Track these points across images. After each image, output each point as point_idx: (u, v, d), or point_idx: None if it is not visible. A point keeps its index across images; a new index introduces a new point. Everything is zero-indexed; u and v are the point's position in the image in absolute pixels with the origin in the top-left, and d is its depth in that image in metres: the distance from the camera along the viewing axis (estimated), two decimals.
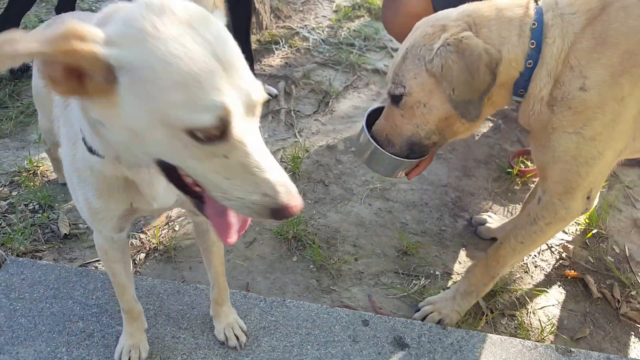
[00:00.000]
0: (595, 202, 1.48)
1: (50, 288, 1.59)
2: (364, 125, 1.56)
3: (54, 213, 2.00)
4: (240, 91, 0.72)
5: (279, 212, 0.73)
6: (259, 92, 0.76)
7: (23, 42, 0.62)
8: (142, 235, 1.93)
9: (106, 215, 1.05)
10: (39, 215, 1.98)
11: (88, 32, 0.66)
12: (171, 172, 0.78)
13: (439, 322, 1.64)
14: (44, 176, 2.14)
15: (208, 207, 0.81)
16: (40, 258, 1.81)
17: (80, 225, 1.97)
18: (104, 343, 1.45)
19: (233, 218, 0.82)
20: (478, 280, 1.63)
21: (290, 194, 0.73)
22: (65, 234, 1.91)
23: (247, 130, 0.73)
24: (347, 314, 1.56)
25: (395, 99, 1.45)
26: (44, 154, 2.26)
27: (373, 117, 1.60)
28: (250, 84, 0.75)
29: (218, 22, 0.76)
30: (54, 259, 1.82)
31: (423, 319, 1.65)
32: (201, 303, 1.55)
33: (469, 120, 1.40)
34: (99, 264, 1.83)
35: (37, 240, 1.89)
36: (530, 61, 1.34)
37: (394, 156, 1.50)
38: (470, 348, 1.50)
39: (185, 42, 0.69)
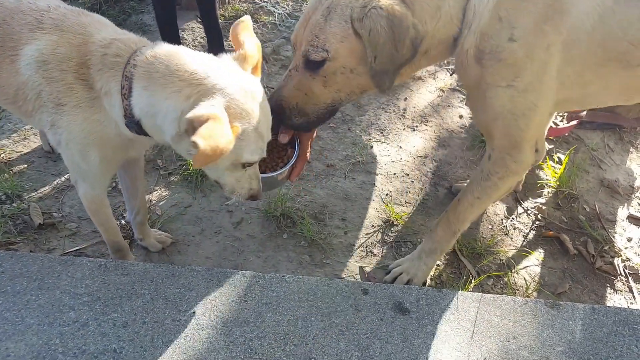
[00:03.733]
0: (544, 154, 1.54)
1: (33, 279, 1.50)
2: None
3: (23, 203, 1.88)
4: (268, 138, 1.25)
5: (253, 197, 1.34)
6: (270, 134, 1.27)
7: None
8: (124, 222, 1.86)
9: (113, 167, 1.43)
10: (8, 206, 1.85)
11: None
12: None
13: (408, 282, 1.70)
14: (6, 163, 2.00)
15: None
16: (16, 250, 1.70)
17: (54, 214, 1.87)
18: (100, 331, 1.39)
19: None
20: (441, 238, 1.68)
21: (260, 191, 1.35)
22: (40, 223, 1.80)
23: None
24: (347, 284, 1.57)
25: (313, 65, 1.31)
26: (4, 141, 2.12)
27: None
28: (270, 131, 1.26)
29: (262, 90, 1.24)
30: (31, 251, 1.72)
31: (393, 280, 1.71)
32: (199, 284, 1.52)
33: (381, 91, 1.36)
34: (84, 250, 1.75)
35: (9, 232, 1.77)
36: None
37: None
38: (466, 308, 1.55)
39: (261, 119, 1.18)
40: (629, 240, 2.02)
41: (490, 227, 2.02)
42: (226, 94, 1.12)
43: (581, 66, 1.36)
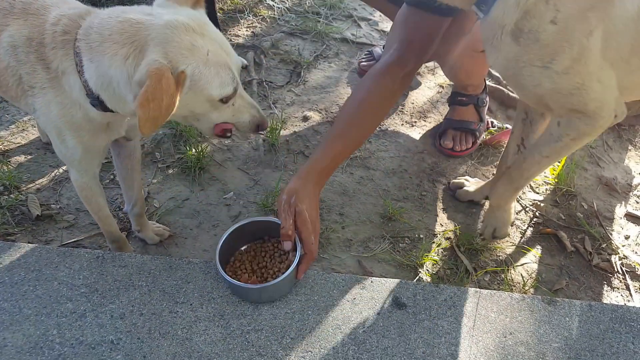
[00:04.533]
0: (623, 117, 1.48)
1: (31, 270, 1.50)
2: (217, 260, 1.42)
3: (21, 194, 1.88)
4: (235, 64, 1.18)
5: (261, 125, 1.30)
6: (240, 59, 1.23)
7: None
8: (122, 214, 1.86)
9: (95, 151, 1.37)
10: (6, 197, 1.85)
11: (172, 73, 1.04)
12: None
13: (494, 232, 1.88)
14: (4, 155, 2.00)
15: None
16: (14, 241, 1.70)
17: (52, 205, 1.87)
18: (98, 323, 1.39)
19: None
20: (501, 195, 1.77)
21: (264, 117, 1.31)
22: (38, 215, 1.80)
23: (239, 85, 1.21)
24: (344, 278, 1.57)
25: None
26: (2, 132, 2.11)
27: (228, 242, 1.49)
28: (237, 56, 1.20)
29: (207, 20, 1.16)
30: (29, 242, 1.72)
31: (481, 235, 1.91)
32: (196, 277, 1.52)
33: None
34: (82, 242, 1.75)
35: (7, 223, 1.77)
36: None
37: (256, 286, 1.41)
38: (463, 303, 1.56)
39: (209, 48, 1.10)
40: (627, 238, 2.03)
41: None
42: (160, 41, 1.05)
43: (628, 53, 1.33)
